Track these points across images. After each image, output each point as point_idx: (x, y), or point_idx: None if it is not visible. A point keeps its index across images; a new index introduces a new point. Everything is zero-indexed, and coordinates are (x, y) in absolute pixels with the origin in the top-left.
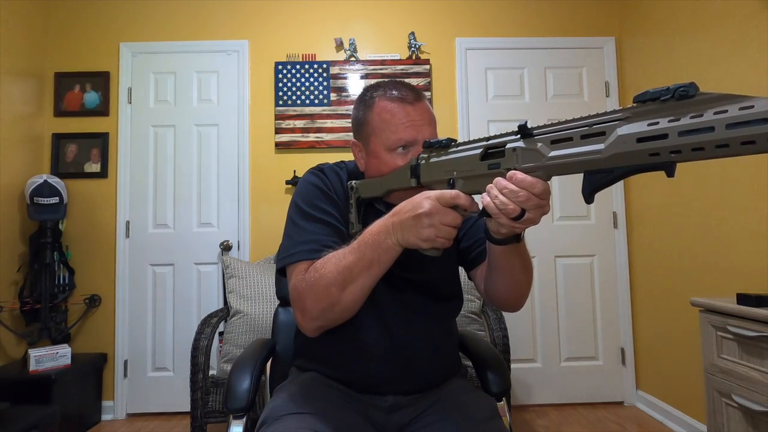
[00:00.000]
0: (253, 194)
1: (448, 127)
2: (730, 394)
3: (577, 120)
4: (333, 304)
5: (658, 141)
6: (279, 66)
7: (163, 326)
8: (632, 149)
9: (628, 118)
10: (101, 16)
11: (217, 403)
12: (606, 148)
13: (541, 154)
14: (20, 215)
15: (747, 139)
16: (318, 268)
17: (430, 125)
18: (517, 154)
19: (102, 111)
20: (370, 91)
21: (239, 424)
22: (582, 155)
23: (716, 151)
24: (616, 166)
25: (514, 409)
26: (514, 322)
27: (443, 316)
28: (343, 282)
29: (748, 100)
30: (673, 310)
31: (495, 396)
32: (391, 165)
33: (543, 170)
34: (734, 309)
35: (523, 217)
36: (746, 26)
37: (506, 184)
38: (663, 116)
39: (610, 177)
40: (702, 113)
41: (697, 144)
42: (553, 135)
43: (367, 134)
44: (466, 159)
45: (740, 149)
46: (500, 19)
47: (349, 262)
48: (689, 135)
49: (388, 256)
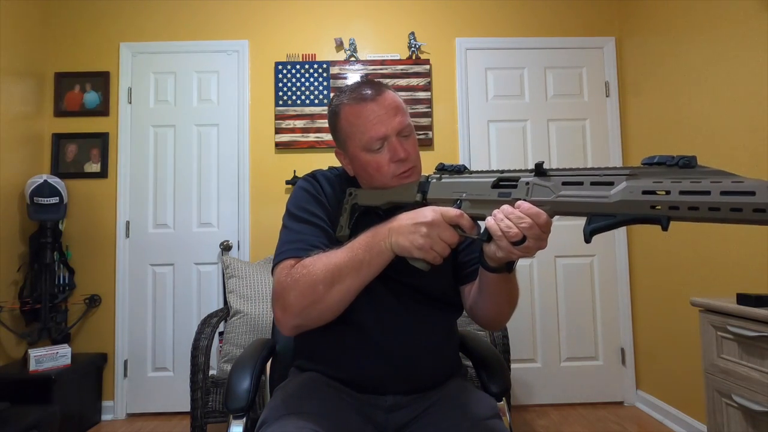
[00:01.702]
0: (253, 194)
1: (448, 127)
2: (730, 394)
3: (588, 169)
4: (316, 302)
5: (661, 196)
6: (279, 66)
7: (163, 326)
8: (636, 199)
9: (636, 175)
10: (101, 16)
11: (217, 403)
12: (613, 195)
13: (551, 191)
14: (20, 215)
15: (735, 206)
16: (306, 265)
17: (396, 114)
18: (529, 188)
19: (102, 111)
20: (335, 99)
21: (239, 424)
22: (590, 197)
23: (708, 213)
24: (619, 212)
25: (514, 409)
26: (514, 322)
27: (443, 318)
28: (331, 280)
29: (739, 178)
30: (673, 310)
31: (495, 396)
32: (374, 164)
33: (550, 206)
34: (734, 309)
35: (523, 244)
36: (746, 26)
37: (513, 210)
38: (667, 178)
39: (611, 222)
40: (700, 180)
41: (693, 204)
42: (565, 178)
43: (343, 141)
44: (477, 183)
45: (728, 215)
46: (500, 19)
47: (339, 261)
48: (688, 195)
49: (379, 260)
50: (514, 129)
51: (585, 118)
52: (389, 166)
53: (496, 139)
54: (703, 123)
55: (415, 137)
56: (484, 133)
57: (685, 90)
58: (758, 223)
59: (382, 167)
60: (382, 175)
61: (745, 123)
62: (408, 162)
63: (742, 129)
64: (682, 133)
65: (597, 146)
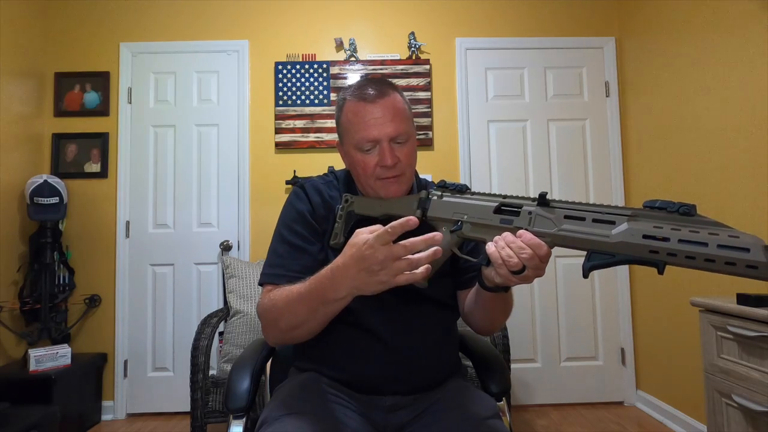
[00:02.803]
0: (253, 194)
1: (448, 127)
2: (730, 394)
3: (590, 205)
4: (282, 334)
5: (660, 242)
6: (279, 66)
7: (163, 326)
8: (637, 242)
9: (636, 216)
10: (101, 16)
11: (217, 403)
12: (614, 235)
13: (553, 224)
14: (20, 215)
15: (729, 260)
16: (273, 299)
17: (392, 121)
18: (531, 217)
19: (102, 111)
20: (343, 93)
21: (239, 424)
22: (591, 235)
23: (703, 264)
24: (619, 252)
25: (514, 409)
26: (514, 322)
27: (443, 318)
28: (290, 323)
29: (735, 232)
30: (673, 310)
31: (495, 396)
32: (361, 163)
33: (552, 238)
34: (734, 309)
35: (522, 273)
36: (746, 27)
37: (514, 239)
38: (666, 224)
39: (610, 261)
40: (699, 230)
41: (690, 253)
42: (567, 211)
43: (341, 134)
44: (480, 207)
45: (722, 267)
46: (500, 19)
47: (297, 308)
48: (686, 244)
49: (337, 306)
50: (514, 129)
51: (585, 118)
52: (374, 168)
53: (496, 139)
54: (703, 123)
55: (413, 145)
56: (484, 133)
57: (685, 90)
58: (750, 278)
59: (368, 168)
60: (367, 176)
61: (745, 123)
62: (394, 170)
63: (742, 129)
64: (682, 133)
65: (597, 146)
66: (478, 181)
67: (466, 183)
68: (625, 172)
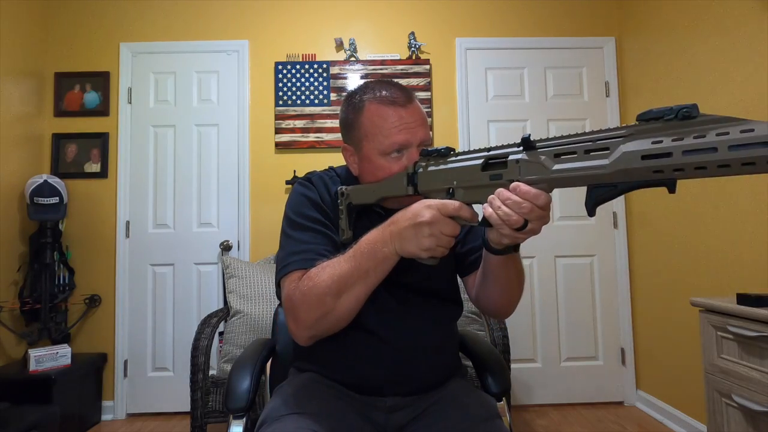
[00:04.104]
0: (253, 194)
1: (448, 127)
2: (730, 394)
3: (579, 135)
4: (327, 313)
5: (663, 159)
6: (279, 66)
7: (163, 326)
8: (637, 166)
9: (632, 135)
10: (101, 16)
11: (217, 403)
12: (610, 164)
13: (544, 167)
14: (20, 215)
15: (747, 160)
16: (312, 277)
17: (423, 126)
18: (519, 166)
19: (102, 111)
20: (359, 94)
21: (239, 424)
22: (586, 170)
23: (718, 170)
24: (620, 181)
25: (514, 409)
26: (514, 322)
27: (443, 318)
28: (338, 291)
29: (748, 124)
30: (673, 310)
31: (495, 396)
32: (386, 170)
33: (547, 183)
34: (734, 309)
35: (526, 228)
36: (746, 27)
37: (509, 195)
38: (666, 135)
39: (614, 192)
40: (705, 134)
41: (700, 163)
42: (556, 149)
43: (359, 139)
44: (466, 169)
45: (741, 169)
46: (500, 19)
47: (345, 271)
48: (693, 154)
49: (384, 266)
50: (514, 129)
51: (585, 118)
52: None
53: (496, 139)
54: None
55: None
56: (484, 133)
57: (685, 90)
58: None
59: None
60: None
61: None
62: None
63: None
64: None
65: None
66: None
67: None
68: None
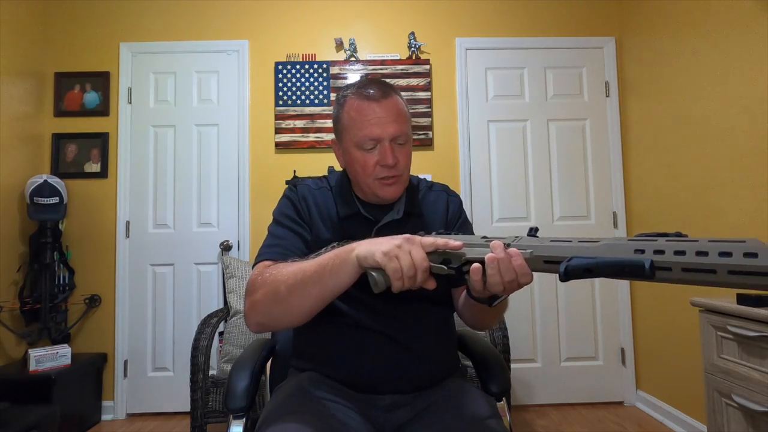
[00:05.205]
0: (253, 194)
1: (448, 127)
2: (730, 394)
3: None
4: (278, 302)
5: (648, 242)
6: (279, 66)
7: (163, 326)
8: (621, 243)
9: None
10: (101, 16)
11: (217, 403)
12: (601, 243)
13: (539, 241)
14: (20, 215)
15: (750, 286)
16: (278, 267)
17: (396, 122)
18: (517, 238)
19: (102, 111)
20: (344, 90)
21: (239, 424)
22: (575, 246)
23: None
24: (601, 255)
25: (514, 409)
26: (514, 322)
27: (438, 317)
28: (294, 284)
29: (751, 247)
30: (673, 310)
31: (495, 396)
32: (360, 161)
33: (533, 249)
34: (734, 309)
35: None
36: (746, 27)
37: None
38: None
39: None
40: (697, 240)
41: (680, 249)
42: (553, 237)
43: (341, 131)
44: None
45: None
46: (500, 19)
47: (306, 267)
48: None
49: (343, 268)
50: (514, 129)
51: (585, 118)
52: (374, 168)
53: (496, 139)
54: (703, 123)
55: (410, 148)
56: (484, 133)
57: (685, 90)
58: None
59: (368, 167)
60: (366, 175)
61: (746, 123)
62: (394, 170)
63: (743, 129)
64: (682, 133)
65: (597, 146)
66: (478, 181)
67: (466, 183)
68: (625, 172)
